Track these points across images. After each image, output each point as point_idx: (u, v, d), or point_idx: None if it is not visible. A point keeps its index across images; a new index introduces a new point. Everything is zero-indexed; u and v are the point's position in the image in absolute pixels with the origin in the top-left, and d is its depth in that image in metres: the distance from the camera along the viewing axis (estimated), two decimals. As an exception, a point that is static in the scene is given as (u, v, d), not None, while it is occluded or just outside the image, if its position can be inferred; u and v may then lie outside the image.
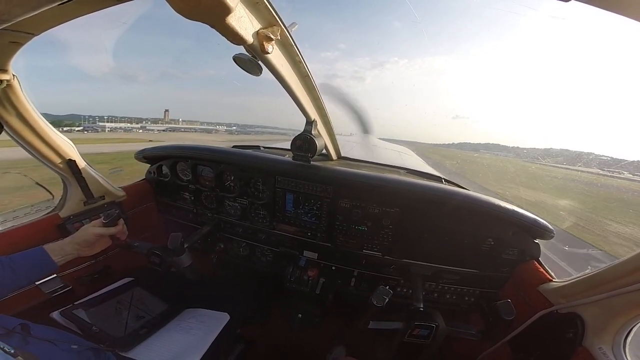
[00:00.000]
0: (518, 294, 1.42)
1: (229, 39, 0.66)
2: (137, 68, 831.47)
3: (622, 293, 0.94)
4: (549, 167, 69.06)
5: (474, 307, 1.61)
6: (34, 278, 1.11)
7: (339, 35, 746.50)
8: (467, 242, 1.45)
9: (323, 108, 1.43)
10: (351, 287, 1.69)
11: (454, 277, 1.55)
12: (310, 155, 1.45)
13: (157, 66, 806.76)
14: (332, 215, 1.56)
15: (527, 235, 1.42)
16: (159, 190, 1.96)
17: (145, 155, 1.90)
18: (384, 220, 1.48)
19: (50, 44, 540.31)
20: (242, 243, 1.85)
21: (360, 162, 2.16)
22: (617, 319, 0.98)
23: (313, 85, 1.22)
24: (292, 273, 1.66)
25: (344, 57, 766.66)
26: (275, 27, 0.77)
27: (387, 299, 1.25)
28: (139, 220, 1.81)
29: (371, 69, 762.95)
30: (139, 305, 1.44)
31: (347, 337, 2.04)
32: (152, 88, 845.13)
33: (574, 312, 1.11)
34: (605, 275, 1.03)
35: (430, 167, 2.81)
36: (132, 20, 12.93)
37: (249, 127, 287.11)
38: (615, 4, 0.54)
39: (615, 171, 62.62)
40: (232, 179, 1.73)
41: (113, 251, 1.63)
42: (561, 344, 1.12)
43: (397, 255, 1.54)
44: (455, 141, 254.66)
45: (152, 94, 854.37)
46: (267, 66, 0.88)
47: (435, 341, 1.26)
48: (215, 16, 0.57)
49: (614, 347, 0.99)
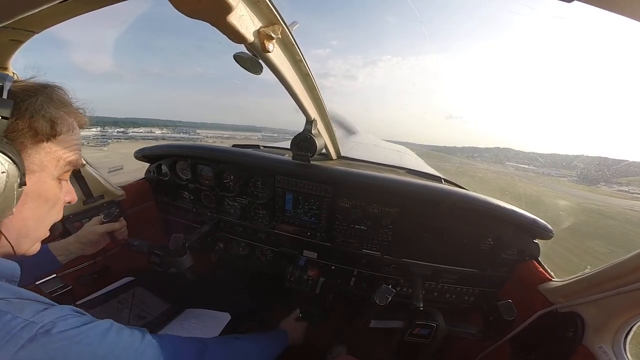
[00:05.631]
0: (518, 293, 1.43)
1: (230, 37, 0.66)
2: (127, 67, 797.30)
3: (622, 292, 0.94)
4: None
5: (474, 307, 1.61)
6: (38, 277, 1.10)
7: (330, 31, 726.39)
8: (466, 242, 1.46)
9: (323, 107, 1.43)
10: (351, 286, 1.69)
11: (454, 276, 1.55)
12: (310, 155, 1.45)
13: (143, 65, 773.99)
14: (331, 214, 1.56)
15: (526, 235, 1.42)
16: (159, 190, 1.96)
17: (145, 154, 1.90)
18: (384, 220, 1.48)
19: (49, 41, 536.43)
20: (241, 243, 1.85)
21: (360, 162, 2.16)
22: (617, 318, 0.98)
23: (314, 85, 1.22)
24: (292, 273, 1.65)
25: (336, 55, 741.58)
26: (276, 25, 0.77)
27: (389, 298, 1.26)
28: (138, 219, 1.80)
29: (363, 67, 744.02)
30: (140, 305, 1.44)
31: (347, 336, 2.04)
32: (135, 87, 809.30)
33: (574, 311, 1.11)
34: (605, 275, 1.03)
35: (430, 167, 2.81)
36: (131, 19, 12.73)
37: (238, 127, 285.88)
38: (617, 4, 0.54)
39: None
40: (231, 178, 1.72)
41: (112, 251, 1.63)
42: (561, 343, 1.12)
43: (396, 255, 1.54)
44: (449, 144, 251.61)
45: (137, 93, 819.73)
46: (267, 65, 0.88)
47: (436, 340, 1.26)
48: (217, 15, 0.57)
49: (614, 346, 0.99)
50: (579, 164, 62.91)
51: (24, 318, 0.48)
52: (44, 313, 0.51)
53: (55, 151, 0.63)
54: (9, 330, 0.46)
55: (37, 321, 0.49)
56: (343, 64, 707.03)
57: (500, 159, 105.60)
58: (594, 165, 56.13)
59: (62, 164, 0.65)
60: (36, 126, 0.58)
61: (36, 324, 0.49)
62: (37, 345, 0.47)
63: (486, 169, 63.21)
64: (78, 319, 0.55)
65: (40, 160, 0.61)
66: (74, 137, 0.67)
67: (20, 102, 0.56)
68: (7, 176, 0.53)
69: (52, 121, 0.60)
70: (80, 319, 0.55)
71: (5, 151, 0.53)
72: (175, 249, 1.40)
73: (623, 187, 65.55)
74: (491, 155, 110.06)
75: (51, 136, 0.61)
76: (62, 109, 0.64)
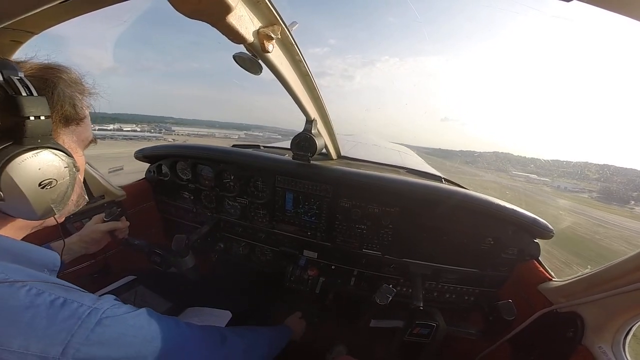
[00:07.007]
0: (518, 293, 1.43)
1: (230, 38, 0.66)
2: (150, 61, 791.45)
3: (621, 292, 0.94)
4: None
5: (474, 307, 1.61)
6: None
7: (329, 30, 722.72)
8: (466, 242, 1.46)
9: (323, 107, 1.43)
10: (351, 286, 1.70)
11: (454, 276, 1.55)
12: (310, 155, 1.45)
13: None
14: (331, 214, 1.56)
15: (526, 235, 1.42)
16: (159, 190, 1.96)
17: (145, 155, 1.90)
18: (384, 220, 1.48)
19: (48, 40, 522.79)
20: (241, 242, 1.85)
21: (360, 162, 2.16)
22: (617, 318, 0.98)
23: (313, 85, 1.22)
24: (292, 272, 1.66)
25: (334, 54, 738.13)
26: (275, 25, 0.77)
27: (390, 298, 1.26)
28: (138, 219, 1.81)
29: (361, 67, 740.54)
30: (143, 303, 1.43)
31: (347, 336, 2.05)
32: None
33: (574, 312, 1.12)
34: (604, 275, 1.03)
35: (430, 167, 2.81)
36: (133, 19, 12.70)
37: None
38: (617, 4, 0.54)
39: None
40: (231, 178, 1.73)
41: (112, 250, 1.63)
42: (561, 343, 1.12)
43: (396, 255, 1.54)
44: (443, 147, 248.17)
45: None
46: (267, 65, 0.88)
47: (435, 340, 1.26)
48: (216, 15, 0.57)
49: (613, 346, 0.99)
50: (589, 173, 57.17)
51: (88, 305, 0.55)
52: (100, 300, 0.58)
53: (80, 132, 0.69)
54: (79, 316, 0.52)
55: (99, 307, 0.55)
56: (341, 64, 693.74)
57: (503, 166, 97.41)
58: (616, 177, 47.95)
59: (86, 142, 0.72)
60: (66, 114, 0.62)
61: (99, 310, 0.55)
62: (103, 328, 0.54)
63: (492, 181, 54.11)
64: (126, 307, 0.62)
65: (71, 142, 0.66)
66: (88, 113, 0.71)
67: (49, 95, 0.58)
68: (69, 169, 0.62)
69: (74, 105, 0.64)
70: (127, 307, 0.62)
71: (58, 147, 0.60)
72: (177, 250, 1.40)
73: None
74: (490, 160, 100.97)
75: (78, 120, 0.66)
76: (78, 89, 0.66)
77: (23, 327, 0.48)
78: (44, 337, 0.48)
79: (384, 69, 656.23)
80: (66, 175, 0.61)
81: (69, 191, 0.64)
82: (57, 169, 0.59)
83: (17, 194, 0.55)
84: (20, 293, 0.50)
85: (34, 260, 0.63)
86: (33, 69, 0.60)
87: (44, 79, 0.59)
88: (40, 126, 0.55)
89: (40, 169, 0.56)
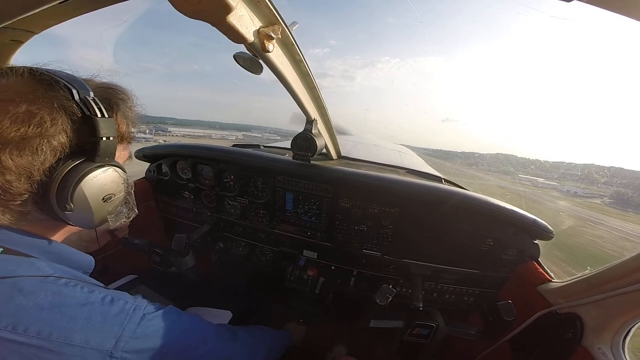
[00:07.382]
0: (517, 294, 1.43)
1: (230, 37, 0.66)
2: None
3: (621, 293, 0.94)
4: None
5: (474, 307, 1.61)
6: None
7: (330, 31, 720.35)
8: (466, 242, 1.46)
9: (323, 107, 1.43)
10: (351, 286, 1.70)
11: (454, 277, 1.55)
12: (311, 155, 1.45)
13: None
14: (331, 214, 1.56)
15: (526, 236, 1.42)
16: (159, 189, 1.96)
17: (145, 154, 1.90)
18: (384, 220, 1.48)
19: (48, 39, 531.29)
20: (241, 242, 1.85)
21: (360, 162, 2.16)
22: (616, 319, 0.98)
23: (314, 84, 1.21)
24: (292, 272, 1.66)
25: (334, 55, 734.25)
26: (276, 25, 0.77)
27: (390, 298, 1.26)
28: (138, 218, 1.80)
29: (362, 68, 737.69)
30: None
31: (347, 336, 2.05)
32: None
33: (573, 312, 1.12)
34: (604, 276, 1.03)
35: (430, 167, 2.81)
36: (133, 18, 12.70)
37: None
38: (617, 4, 0.54)
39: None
40: (231, 178, 1.73)
41: (112, 250, 1.63)
42: (560, 343, 1.12)
43: (396, 255, 1.54)
44: (444, 148, 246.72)
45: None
46: (267, 65, 0.88)
47: (435, 340, 1.26)
48: (216, 15, 0.57)
49: (612, 347, 0.99)
50: (598, 177, 52.09)
51: (132, 302, 0.61)
52: (138, 298, 0.64)
53: (126, 148, 0.75)
54: (127, 312, 0.58)
55: (140, 304, 0.62)
56: (341, 64, 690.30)
57: (508, 169, 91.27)
58: (626, 180, 42.10)
59: (126, 157, 0.77)
60: (122, 134, 0.69)
61: (140, 306, 0.61)
62: (147, 322, 0.60)
63: (498, 185, 47.81)
64: (157, 304, 0.67)
65: (119, 159, 0.71)
66: None
67: (113, 116, 0.64)
68: (125, 184, 0.69)
69: (129, 125, 0.71)
70: (157, 304, 0.67)
71: (119, 165, 0.66)
72: (178, 249, 1.40)
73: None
74: (494, 162, 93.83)
75: (130, 139, 0.73)
76: (132, 111, 0.71)
77: (82, 322, 0.52)
78: (100, 331, 0.53)
79: (385, 70, 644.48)
80: (122, 190, 0.68)
81: (123, 204, 0.72)
82: (117, 185, 0.66)
83: (84, 206, 0.60)
84: (75, 291, 0.55)
85: (73, 261, 0.68)
86: (98, 89, 0.63)
87: (108, 99, 0.64)
88: (109, 146, 0.61)
89: (105, 185, 0.63)
